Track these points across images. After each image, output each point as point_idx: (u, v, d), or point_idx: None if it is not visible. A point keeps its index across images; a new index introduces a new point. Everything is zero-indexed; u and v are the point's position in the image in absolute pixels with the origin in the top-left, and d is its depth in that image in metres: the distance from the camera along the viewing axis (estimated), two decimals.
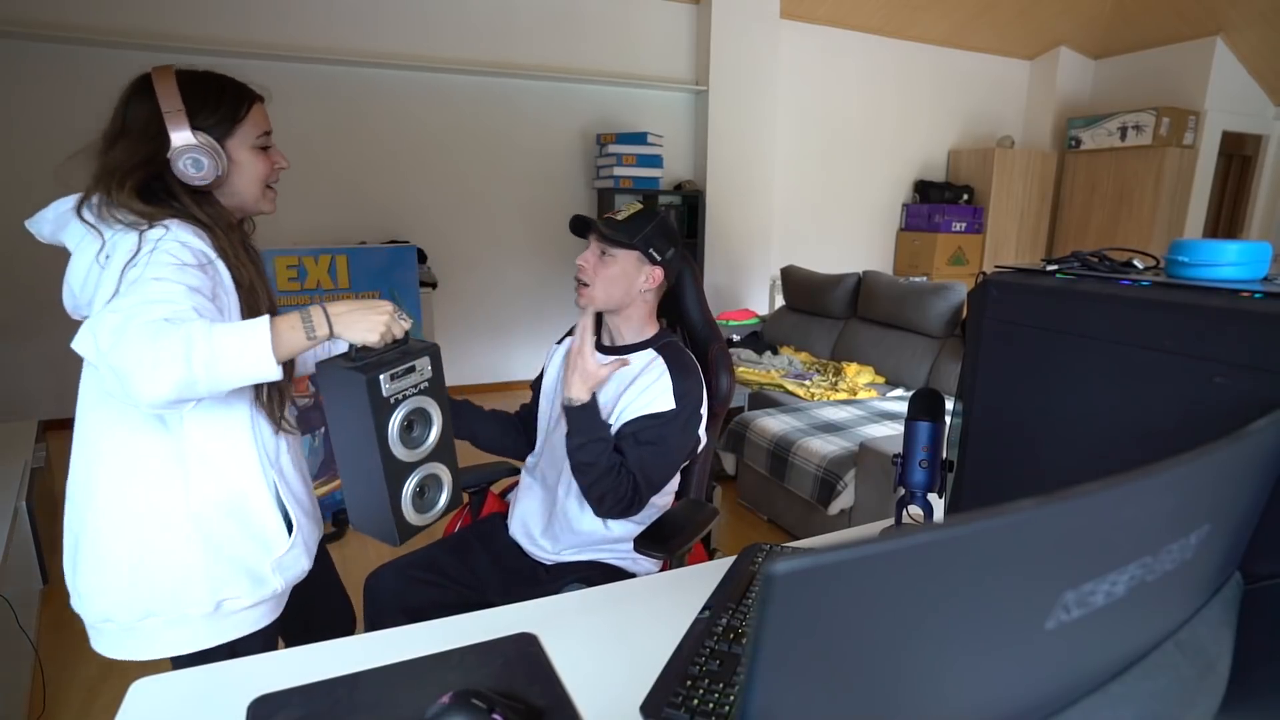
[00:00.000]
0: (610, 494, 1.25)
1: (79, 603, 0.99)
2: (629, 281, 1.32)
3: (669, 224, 1.36)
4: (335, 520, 2.77)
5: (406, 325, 0.95)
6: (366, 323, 0.91)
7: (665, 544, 1.24)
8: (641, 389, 1.31)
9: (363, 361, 0.90)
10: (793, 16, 5.19)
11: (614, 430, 1.31)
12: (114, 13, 3.63)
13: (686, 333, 1.59)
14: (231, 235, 1.01)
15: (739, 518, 2.95)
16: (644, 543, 1.24)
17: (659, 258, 1.32)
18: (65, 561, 1.01)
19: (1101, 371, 0.78)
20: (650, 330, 1.40)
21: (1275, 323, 0.63)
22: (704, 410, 1.37)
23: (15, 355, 3.81)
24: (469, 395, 1.79)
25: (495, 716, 0.70)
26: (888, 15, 5.40)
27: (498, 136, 4.57)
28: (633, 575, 1.33)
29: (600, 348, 1.38)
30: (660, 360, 1.34)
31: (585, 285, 1.32)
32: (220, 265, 0.97)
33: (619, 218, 1.31)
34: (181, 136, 0.96)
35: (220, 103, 1.02)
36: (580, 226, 1.35)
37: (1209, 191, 5.86)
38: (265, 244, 1.41)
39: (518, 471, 1.59)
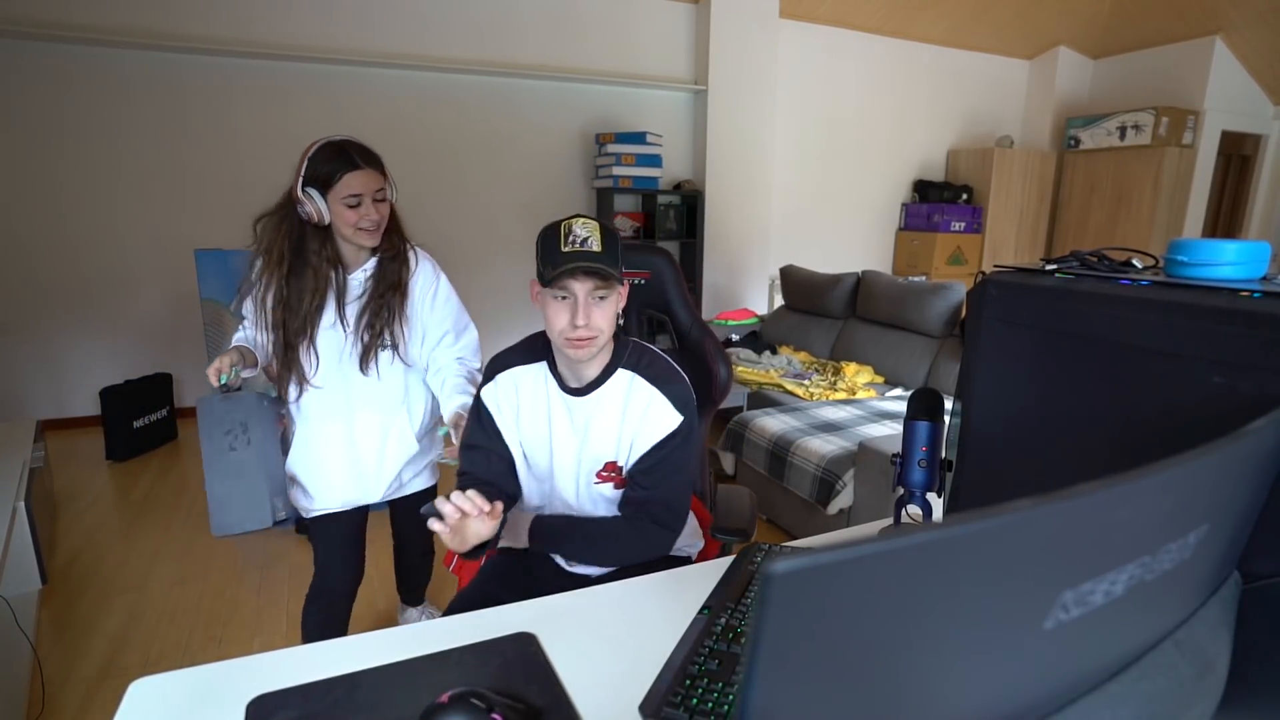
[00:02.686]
0: (637, 546, 1.22)
1: None
2: (615, 313, 1.17)
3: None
4: None
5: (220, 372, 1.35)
6: None
7: (743, 530, 1.33)
8: (640, 416, 1.20)
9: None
10: (792, 16, 5.19)
11: (627, 470, 1.24)
12: (114, 12, 3.62)
13: (676, 334, 1.58)
14: None
15: None
16: (723, 531, 1.32)
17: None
18: None
19: (1100, 371, 0.78)
20: (608, 350, 1.21)
21: (1274, 322, 0.63)
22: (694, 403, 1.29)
23: (14, 355, 3.81)
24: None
25: (494, 716, 0.70)
26: (887, 15, 5.40)
27: (497, 136, 4.57)
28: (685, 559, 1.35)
29: (567, 389, 1.22)
30: (638, 378, 1.21)
31: (588, 340, 1.13)
32: None
33: (597, 249, 1.10)
34: None
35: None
36: (559, 273, 1.09)
37: (1208, 191, 5.86)
38: None
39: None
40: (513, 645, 0.87)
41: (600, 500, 1.28)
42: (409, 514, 1.78)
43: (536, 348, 1.26)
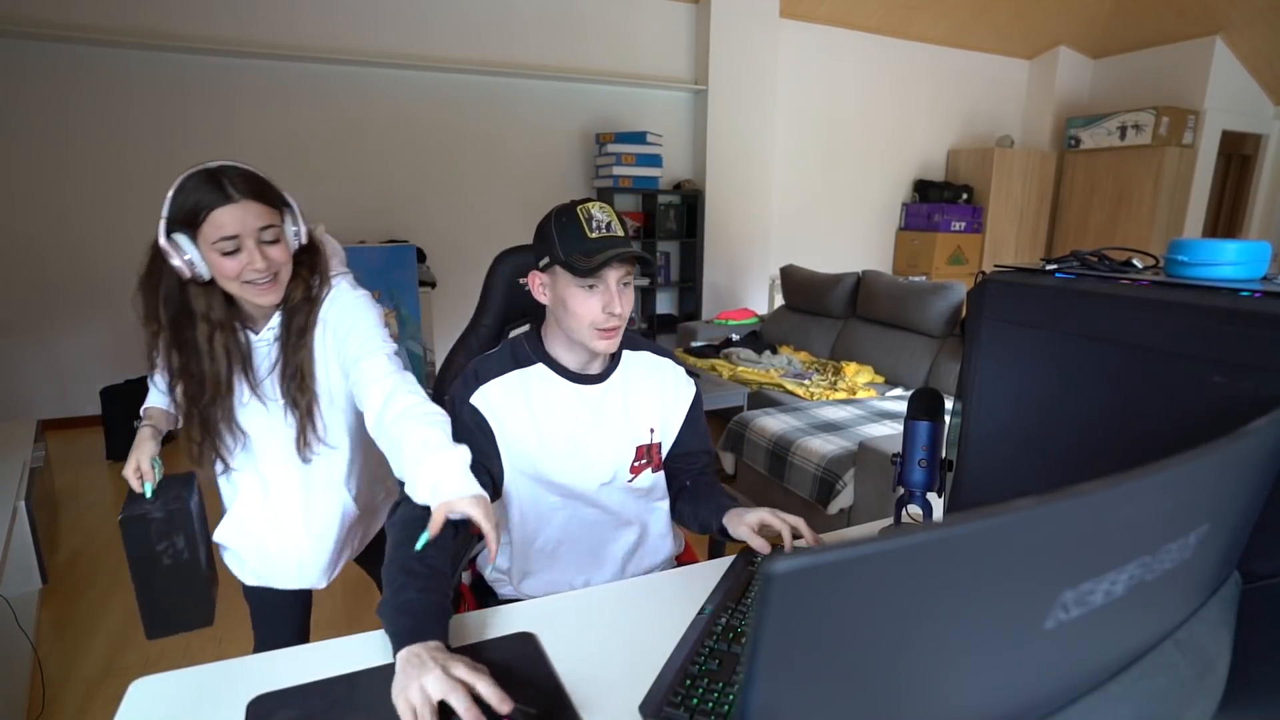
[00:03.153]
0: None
1: None
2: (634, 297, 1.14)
3: None
4: None
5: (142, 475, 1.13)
6: None
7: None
8: (670, 390, 1.21)
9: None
10: (792, 16, 5.20)
11: (670, 452, 1.23)
12: (115, 12, 3.63)
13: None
14: None
15: None
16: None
17: None
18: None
19: (1101, 371, 0.78)
20: None
21: (1274, 322, 0.63)
22: None
23: (15, 355, 3.81)
24: None
25: None
26: (887, 15, 5.40)
27: (497, 136, 4.57)
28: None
29: (577, 379, 1.14)
30: (650, 354, 1.22)
31: (619, 328, 1.09)
32: None
33: (621, 233, 1.07)
34: None
35: None
36: (602, 262, 1.01)
37: (1208, 191, 5.86)
38: None
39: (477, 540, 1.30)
40: (513, 645, 0.87)
41: (630, 497, 1.17)
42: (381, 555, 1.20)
43: (523, 350, 1.14)
